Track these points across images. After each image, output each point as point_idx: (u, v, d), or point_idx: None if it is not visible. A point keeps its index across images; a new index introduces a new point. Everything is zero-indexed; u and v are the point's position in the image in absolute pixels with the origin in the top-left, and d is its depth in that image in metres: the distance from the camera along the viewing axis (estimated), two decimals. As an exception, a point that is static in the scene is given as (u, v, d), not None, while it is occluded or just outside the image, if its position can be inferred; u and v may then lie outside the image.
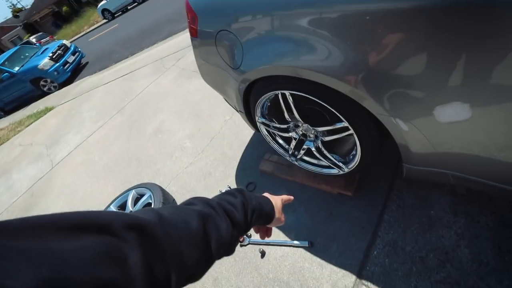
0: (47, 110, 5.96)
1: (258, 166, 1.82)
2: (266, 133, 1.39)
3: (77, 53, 8.40)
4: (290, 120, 1.15)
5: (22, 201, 3.11)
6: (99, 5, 15.16)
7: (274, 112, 1.20)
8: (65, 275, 0.22)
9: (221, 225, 0.43)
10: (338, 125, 0.99)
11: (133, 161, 2.65)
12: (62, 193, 2.82)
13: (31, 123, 5.74)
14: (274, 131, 1.30)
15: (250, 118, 1.34)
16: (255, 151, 1.99)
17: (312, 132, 1.17)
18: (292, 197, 0.73)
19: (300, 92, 0.95)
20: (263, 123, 1.29)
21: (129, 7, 14.75)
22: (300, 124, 1.17)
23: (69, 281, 0.22)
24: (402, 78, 0.72)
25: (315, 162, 1.34)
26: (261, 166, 1.80)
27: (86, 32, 17.21)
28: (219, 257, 0.44)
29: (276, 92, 1.03)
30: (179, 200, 1.92)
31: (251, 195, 0.56)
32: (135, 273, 0.27)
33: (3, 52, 9.14)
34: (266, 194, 0.66)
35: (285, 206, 1.13)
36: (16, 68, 7.50)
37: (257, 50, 0.95)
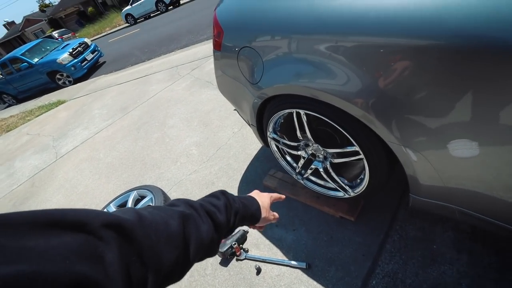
0: (59, 103, 6.09)
1: (262, 181, 1.83)
2: (276, 149, 1.41)
3: (96, 52, 8.68)
4: (301, 138, 1.17)
5: (21, 190, 3.11)
6: (123, 10, 15.85)
7: (286, 129, 1.23)
8: (41, 271, 0.22)
9: (202, 226, 0.44)
10: (349, 149, 1.01)
11: (138, 162, 2.67)
12: (63, 186, 2.83)
13: (42, 114, 5.85)
14: (284, 148, 1.32)
15: (261, 132, 1.37)
16: (260, 166, 2.00)
17: (322, 153, 1.19)
18: (283, 196, 0.73)
19: (315, 112, 0.98)
20: (274, 139, 1.32)
21: (151, 15, 15.38)
22: (310, 144, 1.19)
23: (45, 276, 0.22)
24: (414, 109, 0.75)
25: (321, 183, 1.35)
26: (265, 181, 1.81)
27: (108, 33, 17.86)
28: (200, 259, 0.45)
29: (292, 110, 1.06)
30: (179, 206, 1.92)
31: (235, 197, 0.57)
32: (112, 271, 0.27)
33: (25, 43, 9.44)
34: (254, 193, 0.67)
35: (286, 223, 1.12)
36: (36, 60, 7.75)
37: (276, 69, 1.00)
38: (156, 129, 3.13)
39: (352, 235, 1.37)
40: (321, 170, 1.22)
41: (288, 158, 1.43)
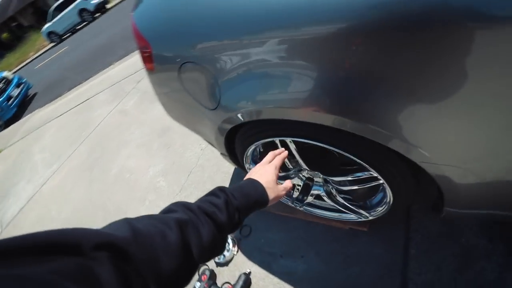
0: (-9, 155, 5.19)
1: (249, 203, 1.57)
2: None
3: (22, 85, 7.54)
4: (291, 167, 0.92)
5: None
6: (43, 28, 13.92)
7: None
8: None
9: (202, 230, 0.43)
10: (362, 175, 0.76)
11: (99, 211, 2.25)
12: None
13: (-27, 174, 4.94)
14: None
15: (237, 161, 1.08)
16: (243, 184, 1.73)
17: (321, 176, 0.94)
18: (285, 153, 0.66)
19: (305, 139, 0.72)
20: None
21: (78, 27, 13.72)
22: (305, 170, 0.93)
23: None
24: (449, 115, 0.52)
25: (326, 206, 1.10)
26: (253, 203, 1.55)
27: (33, 58, 15.76)
28: (206, 260, 0.45)
29: (273, 139, 0.79)
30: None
31: (236, 190, 0.54)
32: None
33: None
34: (256, 170, 0.61)
35: (291, 250, 1.07)
36: None
37: (237, 88, 0.71)
38: (112, 164, 2.68)
39: (369, 248, 1.17)
40: (323, 195, 0.99)
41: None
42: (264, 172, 0.60)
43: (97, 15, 13.34)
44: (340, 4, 0.51)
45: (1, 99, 6.62)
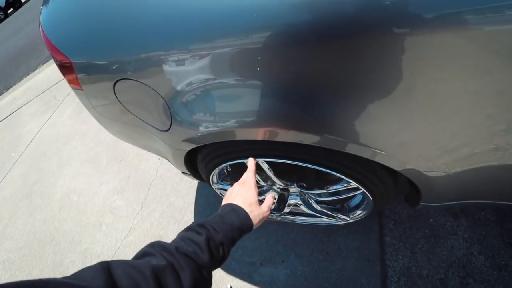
0: None
1: (221, 212, 1.47)
2: None
3: None
4: (264, 184, 0.83)
5: None
6: None
7: (239, 173, 0.86)
8: None
9: (182, 274, 0.40)
10: (339, 188, 0.71)
11: (47, 245, 1.93)
12: None
13: None
14: None
15: (200, 176, 0.96)
16: (211, 193, 1.61)
17: (295, 185, 0.87)
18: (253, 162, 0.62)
19: (275, 158, 0.63)
20: (224, 190, 0.93)
21: (-15, 26, 11.51)
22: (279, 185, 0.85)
23: None
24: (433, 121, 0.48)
25: (305, 213, 1.05)
26: (224, 213, 1.45)
27: None
28: None
29: (241, 161, 0.68)
30: None
31: (217, 222, 0.51)
32: None
33: None
34: (234, 190, 0.57)
35: (271, 256, 1.03)
36: None
37: (189, 107, 0.58)
38: (54, 188, 2.32)
39: (347, 241, 1.17)
40: (299, 204, 0.93)
41: None
42: (244, 194, 0.55)
43: (10, 11, 11.34)
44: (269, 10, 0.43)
45: None
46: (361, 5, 0.38)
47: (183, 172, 0.96)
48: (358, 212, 0.88)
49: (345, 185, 0.69)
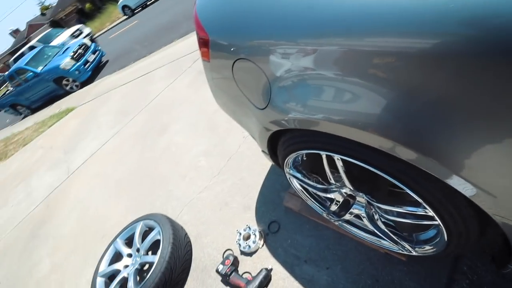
0: (68, 111, 6.02)
1: (283, 201, 1.56)
2: (300, 187, 1.09)
3: (97, 52, 8.45)
4: (334, 183, 0.86)
5: (38, 212, 3.07)
6: (119, 1, 15.27)
7: (312, 166, 0.92)
8: None
9: None
10: (415, 211, 0.67)
11: (146, 178, 2.47)
12: (75, 208, 2.72)
13: (53, 124, 5.82)
14: (309, 188, 1.02)
15: (276, 159, 1.06)
16: (278, 180, 1.72)
17: (365, 197, 0.87)
18: None
19: (354, 159, 0.66)
20: (294, 177, 1.00)
21: (148, 3, 14.71)
22: (348, 189, 0.86)
23: None
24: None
25: (365, 228, 1.02)
26: (285, 202, 1.53)
27: (108, 29, 17.50)
28: None
29: (319, 152, 0.74)
30: (191, 233, 1.71)
31: None
32: None
33: (34, 48, 9.44)
34: None
35: (317, 258, 0.98)
36: (40, 68, 7.66)
37: (289, 93, 0.67)
38: (162, 137, 2.89)
39: (404, 279, 1.08)
40: (363, 216, 0.91)
41: (317, 197, 1.11)
42: None
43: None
44: (429, 16, 0.43)
45: (80, 62, 7.53)
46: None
47: (263, 151, 1.08)
48: (427, 247, 0.79)
49: (421, 210, 0.65)
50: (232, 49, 0.79)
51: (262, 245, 1.45)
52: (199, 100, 3.09)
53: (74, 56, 7.56)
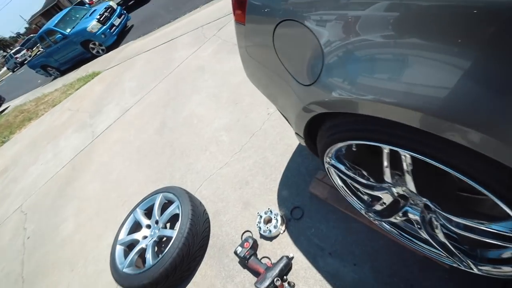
0: (94, 75, 6.10)
1: (308, 186, 1.44)
2: (339, 180, 0.95)
3: (123, 16, 8.31)
4: (388, 181, 0.71)
5: (64, 172, 3.20)
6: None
7: (358, 156, 0.77)
8: None
9: None
10: (498, 229, 0.52)
11: (167, 147, 2.44)
12: (98, 171, 2.80)
13: (80, 87, 5.95)
14: (352, 183, 0.87)
15: (312, 144, 0.93)
16: (304, 163, 1.59)
17: (423, 201, 0.71)
18: None
19: (430, 158, 0.50)
20: (335, 168, 0.86)
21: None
22: (407, 190, 0.70)
23: None
24: None
25: (413, 232, 0.87)
26: (311, 188, 1.42)
27: (134, -9, 17.08)
28: None
29: (381, 145, 0.59)
30: (210, 210, 1.66)
31: None
32: None
33: (61, 10, 9.50)
34: None
35: (343, 252, 0.87)
36: (68, 30, 7.72)
37: (348, 66, 0.51)
38: (184, 107, 2.81)
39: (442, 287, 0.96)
40: (415, 220, 0.77)
41: (359, 193, 0.96)
42: None
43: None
44: None
45: (106, 26, 7.46)
46: None
47: (296, 133, 0.95)
48: (494, 269, 0.65)
49: (507, 231, 0.50)
50: (277, 8, 0.63)
51: (284, 231, 1.37)
52: (222, 70, 2.93)
53: (101, 19, 7.50)
